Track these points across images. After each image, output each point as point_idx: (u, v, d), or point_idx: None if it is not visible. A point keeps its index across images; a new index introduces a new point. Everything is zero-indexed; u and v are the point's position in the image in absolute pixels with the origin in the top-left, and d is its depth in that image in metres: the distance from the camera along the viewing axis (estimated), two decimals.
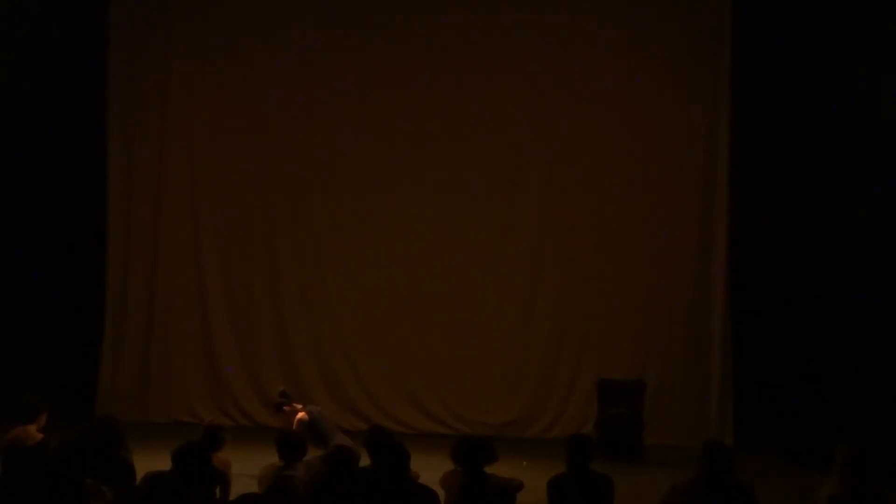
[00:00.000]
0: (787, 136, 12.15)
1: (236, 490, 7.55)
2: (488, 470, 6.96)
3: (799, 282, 12.07)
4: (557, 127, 13.02)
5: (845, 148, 11.81)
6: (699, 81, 12.71)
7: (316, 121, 13.42)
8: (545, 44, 13.00)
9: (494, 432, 12.19)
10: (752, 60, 12.36)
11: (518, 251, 13.14)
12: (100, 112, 13.57)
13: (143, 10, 13.64)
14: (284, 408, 10.00)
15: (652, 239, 12.81)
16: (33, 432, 8.20)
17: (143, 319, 13.64)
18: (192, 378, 13.54)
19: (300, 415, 9.83)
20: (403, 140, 13.28)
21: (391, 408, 13.21)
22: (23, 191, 13.32)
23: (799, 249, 12.08)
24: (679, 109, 12.79)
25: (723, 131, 12.60)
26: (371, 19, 13.28)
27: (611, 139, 12.91)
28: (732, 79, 12.53)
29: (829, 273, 11.88)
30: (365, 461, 7.56)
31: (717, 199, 12.65)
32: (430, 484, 7.13)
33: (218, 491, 7.42)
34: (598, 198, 12.95)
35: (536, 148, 13.08)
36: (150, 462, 7.57)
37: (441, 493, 7.04)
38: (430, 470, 7.86)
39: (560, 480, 6.99)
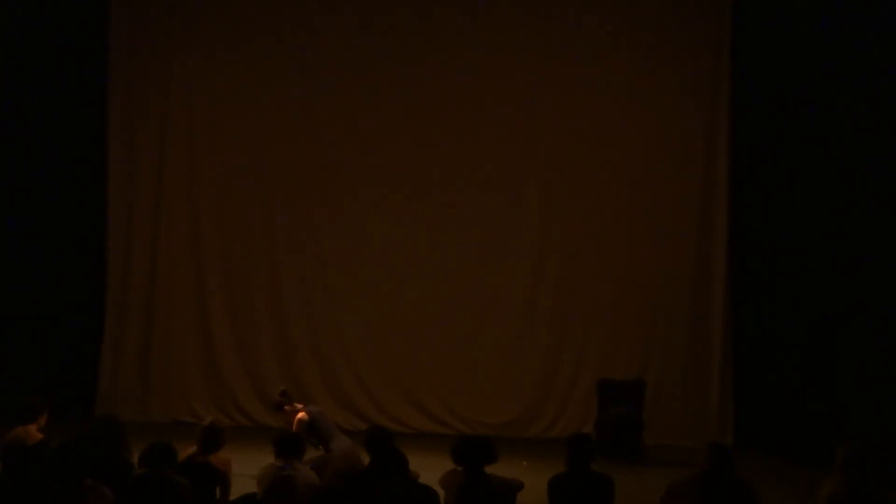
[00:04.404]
0: (786, 136, 12.14)
1: (236, 490, 7.55)
2: (488, 470, 6.96)
3: (799, 282, 12.06)
4: (558, 128, 13.03)
5: (845, 148, 11.79)
6: (699, 83, 12.73)
7: (316, 122, 13.43)
8: (545, 45, 13.02)
9: (494, 432, 12.18)
10: (752, 60, 12.36)
11: (518, 251, 13.15)
12: (100, 113, 13.59)
13: (143, 10, 13.66)
14: (285, 407, 10.00)
15: (652, 239, 12.83)
16: (33, 432, 8.19)
17: (142, 320, 13.65)
18: (192, 378, 13.56)
19: (300, 415, 9.82)
20: (404, 140, 13.29)
21: (391, 408, 13.21)
22: (23, 192, 13.31)
23: (799, 249, 12.07)
24: (679, 110, 12.81)
25: (723, 131, 12.63)
26: (372, 22, 13.30)
27: (611, 140, 12.92)
28: (732, 79, 12.55)
29: (829, 273, 11.87)
30: (364, 461, 7.56)
31: (717, 200, 12.68)
32: (430, 484, 7.13)
33: (218, 491, 7.42)
34: (599, 198, 12.96)
35: (537, 149, 13.09)
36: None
37: (441, 493, 7.04)
38: (430, 470, 7.85)
39: (561, 480, 6.98)
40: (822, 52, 11.85)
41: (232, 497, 7.43)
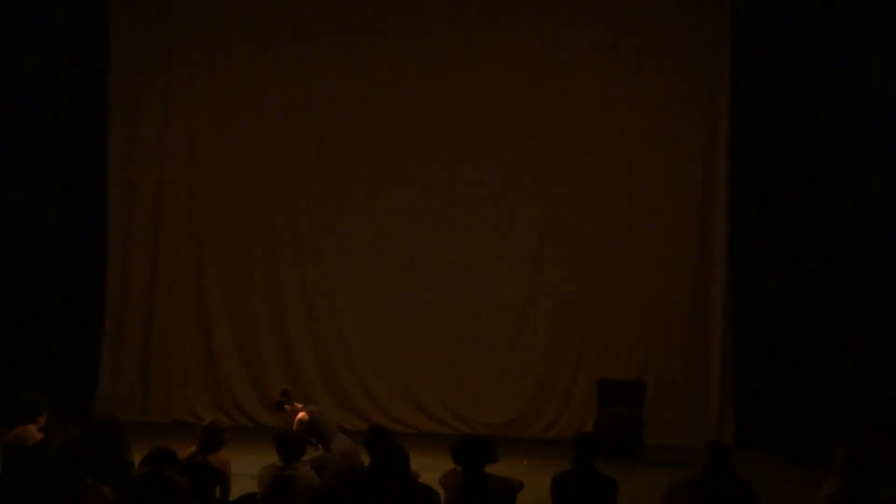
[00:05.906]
0: (786, 138, 12.14)
1: (236, 490, 7.56)
2: (488, 470, 6.96)
3: (798, 282, 12.07)
4: (558, 129, 13.02)
5: (846, 147, 11.82)
6: (699, 83, 12.71)
7: (316, 121, 13.43)
8: (545, 45, 13.01)
9: (494, 432, 12.17)
10: (752, 65, 12.35)
11: (518, 251, 13.15)
12: (100, 112, 13.58)
13: (143, 10, 13.65)
14: (285, 407, 10.00)
15: (652, 239, 12.82)
16: (34, 432, 8.20)
17: (143, 320, 13.65)
18: (192, 378, 13.55)
19: (300, 415, 9.82)
20: (403, 141, 13.28)
21: (391, 408, 13.21)
22: (23, 191, 13.33)
23: (798, 250, 12.08)
24: (679, 111, 12.78)
25: (723, 131, 12.61)
26: (371, 23, 13.29)
27: (611, 140, 12.91)
28: (733, 79, 12.53)
29: (828, 274, 11.88)
30: (364, 461, 7.56)
31: (717, 200, 12.66)
32: (430, 484, 7.13)
33: (218, 491, 7.42)
34: (598, 198, 12.95)
35: (537, 150, 13.08)
36: None
37: (441, 493, 7.04)
38: (430, 470, 7.86)
39: (564, 478, 6.98)
40: (822, 51, 11.86)
41: (232, 497, 7.44)
